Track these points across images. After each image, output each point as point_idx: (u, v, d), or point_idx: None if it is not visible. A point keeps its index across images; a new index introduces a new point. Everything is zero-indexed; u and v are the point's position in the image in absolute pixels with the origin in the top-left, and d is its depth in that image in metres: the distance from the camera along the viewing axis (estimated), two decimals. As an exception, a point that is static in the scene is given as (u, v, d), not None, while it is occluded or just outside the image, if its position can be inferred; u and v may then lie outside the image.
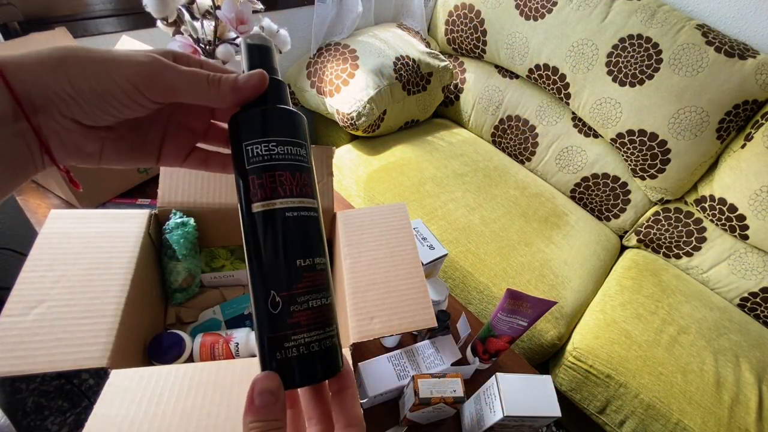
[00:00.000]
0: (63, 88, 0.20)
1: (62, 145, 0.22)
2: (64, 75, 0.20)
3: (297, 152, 0.23)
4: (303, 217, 0.23)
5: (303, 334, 0.21)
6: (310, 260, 0.22)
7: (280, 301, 0.21)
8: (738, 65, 1.05)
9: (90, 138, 0.22)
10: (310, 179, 0.24)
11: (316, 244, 0.23)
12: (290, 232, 0.22)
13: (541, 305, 0.55)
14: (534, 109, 1.41)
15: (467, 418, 0.59)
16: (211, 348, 0.53)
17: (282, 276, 0.22)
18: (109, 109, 0.21)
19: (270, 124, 0.23)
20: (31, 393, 1.07)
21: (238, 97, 0.23)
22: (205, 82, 0.22)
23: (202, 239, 0.61)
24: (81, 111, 0.21)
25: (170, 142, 0.26)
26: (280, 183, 0.22)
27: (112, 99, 0.21)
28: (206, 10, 0.68)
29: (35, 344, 0.39)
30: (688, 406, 0.90)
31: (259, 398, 0.20)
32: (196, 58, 0.24)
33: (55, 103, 0.20)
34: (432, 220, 1.12)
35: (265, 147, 0.22)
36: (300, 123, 0.24)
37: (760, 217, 1.07)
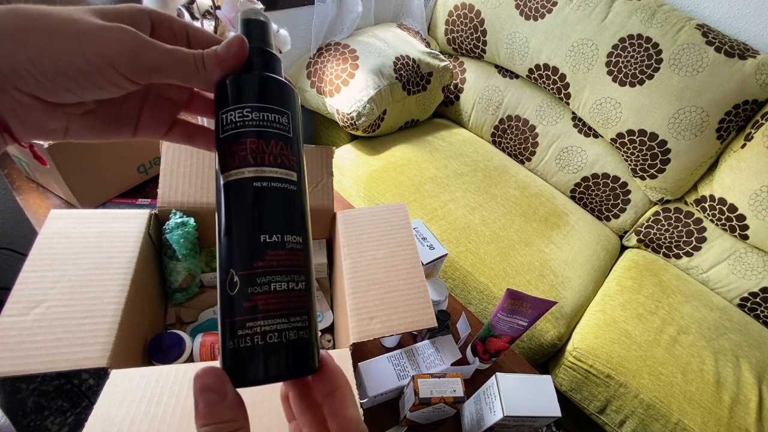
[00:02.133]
0: (20, 63, 0.17)
1: (20, 122, 0.19)
2: (21, 49, 0.17)
3: (274, 119, 0.21)
4: (274, 188, 0.20)
5: (260, 321, 0.18)
6: (278, 237, 0.19)
7: (238, 281, 0.19)
8: (738, 65, 1.05)
9: (53, 115, 0.20)
10: (291, 149, 0.21)
11: (288, 219, 0.20)
12: (256, 204, 0.20)
13: (541, 305, 0.55)
14: (534, 109, 1.41)
15: (467, 418, 0.59)
16: (211, 348, 0.53)
17: (242, 252, 0.19)
18: (76, 89, 0.18)
19: (245, 89, 0.21)
20: (31, 393, 1.07)
21: (224, 68, 0.21)
22: (192, 62, 0.20)
23: (202, 239, 0.61)
24: (42, 89, 0.18)
25: (149, 113, 0.23)
26: (251, 150, 0.20)
27: (82, 78, 0.18)
28: (206, 10, 0.68)
29: (35, 344, 0.39)
30: (688, 406, 0.90)
31: (201, 398, 0.18)
32: (180, 22, 0.22)
33: (8, 78, 0.17)
34: (432, 220, 1.12)
35: (239, 113, 0.20)
36: (284, 90, 0.22)
37: (760, 217, 1.07)
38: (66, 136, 0.21)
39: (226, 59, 0.21)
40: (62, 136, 0.21)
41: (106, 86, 0.19)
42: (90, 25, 0.18)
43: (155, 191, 0.57)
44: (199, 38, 0.22)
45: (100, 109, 0.21)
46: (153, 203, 0.73)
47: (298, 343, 0.19)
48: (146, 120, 0.23)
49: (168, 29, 0.21)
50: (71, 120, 0.21)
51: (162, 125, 0.24)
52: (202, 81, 0.21)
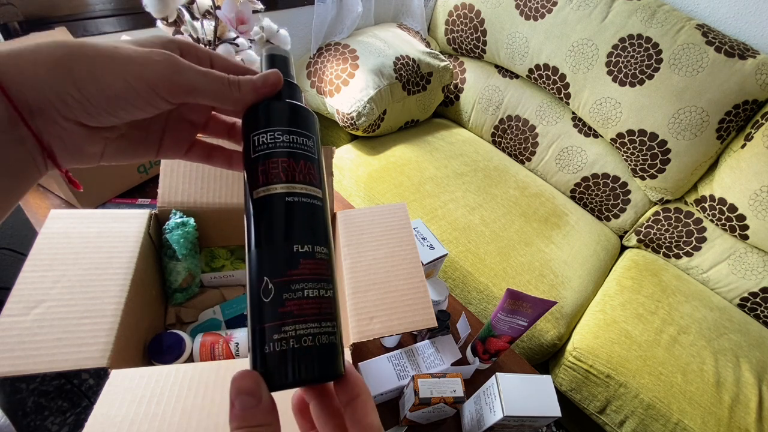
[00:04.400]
0: (66, 90, 0.18)
1: (64, 148, 0.20)
2: (68, 76, 0.18)
3: (303, 142, 0.23)
4: (305, 203, 0.22)
5: (294, 326, 0.19)
6: (309, 247, 0.21)
7: (273, 287, 0.20)
8: (738, 65, 1.05)
9: (93, 139, 0.21)
10: (315, 170, 0.23)
11: (317, 231, 0.22)
12: (289, 216, 0.21)
13: (541, 305, 0.55)
14: (534, 109, 1.41)
15: (467, 418, 0.59)
16: (211, 348, 0.53)
17: (277, 261, 0.20)
18: (119, 111, 0.20)
19: (276, 114, 0.23)
20: (31, 393, 1.07)
21: (257, 96, 0.23)
22: (227, 85, 0.21)
23: (202, 239, 0.61)
24: (86, 114, 0.19)
25: (170, 135, 0.25)
26: (283, 169, 0.22)
27: (124, 102, 0.19)
28: (206, 10, 0.68)
29: (35, 344, 0.39)
30: (688, 406, 0.90)
31: (237, 401, 0.18)
32: (204, 50, 0.23)
33: (55, 105, 0.18)
34: (432, 220, 1.12)
35: (270, 135, 0.22)
36: (308, 117, 0.24)
37: (760, 217, 1.07)
38: (101, 159, 0.22)
39: (263, 87, 0.23)
40: (98, 159, 0.22)
41: (144, 107, 0.20)
42: (129, 50, 0.19)
43: (155, 191, 0.57)
44: (222, 65, 0.24)
45: (130, 133, 0.23)
46: (153, 203, 0.73)
47: (328, 347, 0.20)
48: (168, 141, 0.25)
49: (194, 56, 0.23)
50: (107, 144, 0.22)
51: (182, 145, 0.26)
52: (233, 102, 0.22)
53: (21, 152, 0.19)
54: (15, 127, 0.18)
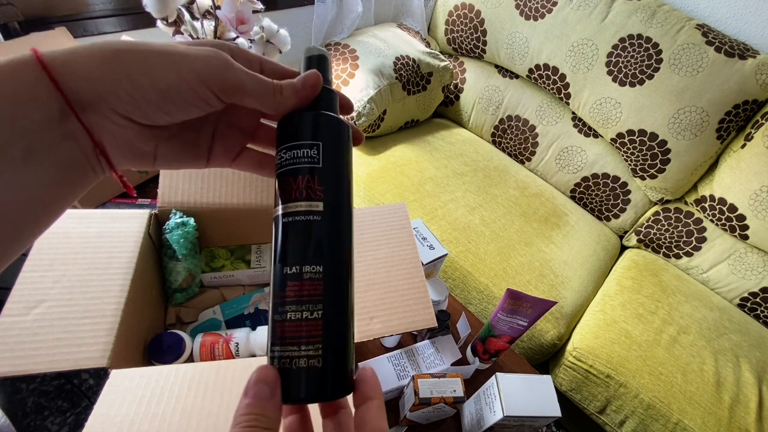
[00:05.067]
0: (119, 82, 0.18)
1: (117, 145, 0.20)
2: (120, 68, 0.18)
3: (304, 154, 0.22)
4: (297, 222, 0.22)
5: (278, 347, 0.20)
6: (297, 268, 0.21)
7: (270, 307, 0.21)
8: (738, 65, 1.05)
9: (145, 137, 0.21)
10: (319, 182, 0.22)
11: (306, 249, 0.21)
12: (283, 238, 0.22)
13: (541, 305, 0.55)
14: (534, 109, 1.41)
15: (467, 418, 0.59)
16: (211, 348, 0.53)
17: (275, 284, 0.21)
18: (170, 107, 0.20)
19: (286, 130, 0.23)
20: (31, 393, 1.07)
21: (298, 100, 0.23)
22: (271, 90, 0.22)
23: (202, 239, 0.61)
24: (138, 108, 0.19)
25: (220, 141, 0.25)
26: (282, 189, 0.22)
27: (177, 96, 0.19)
28: (206, 10, 0.68)
29: (35, 344, 0.39)
30: (688, 406, 0.90)
31: (253, 389, 0.19)
32: (254, 54, 0.24)
33: (107, 99, 0.18)
34: (432, 220, 1.12)
35: (279, 155, 0.23)
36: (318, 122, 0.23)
37: (760, 217, 1.07)
38: (155, 161, 0.22)
39: (303, 90, 0.23)
40: (152, 160, 0.22)
41: (195, 101, 0.20)
42: (182, 47, 0.20)
43: (155, 191, 0.57)
44: (271, 68, 0.24)
45: (182, 134, 0.23)
46: (153, 203, 0.73)
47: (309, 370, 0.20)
48: (218, 147, 0.25)
49: (244, 59, 0.23)
50: (159, 144, 0.22)
51: (231, 152, 0.26)
52: (276, 106, 0.22)
53: (73, 149, 0.19)
54: (65, 122, 0.18)
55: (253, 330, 0.57)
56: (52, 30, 0.74)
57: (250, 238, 0.65)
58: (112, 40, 0.19)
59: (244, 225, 0.62)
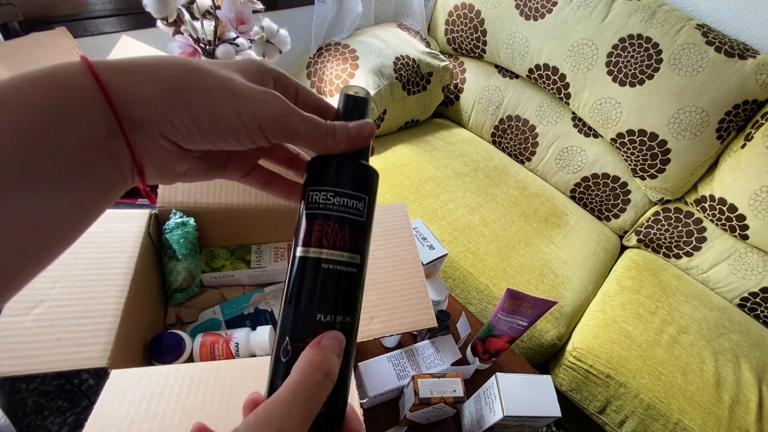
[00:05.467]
0: (178, 115, 0.18)
1: (155, 165, 0.20)
2: (185, 102, 0.18)
3: (353, 205, 0.22)
4: (338, 271, 0.22)
5: None
6: (331, 317, 0.21)
7: (291, 350, 0.21)
8: (738, 65, 1.05)
9: (183, 159, 0.21)
10: (361, 235, 0.23)
11: (344, 301, 0.22)
12: (319, 284, 0.21)
13: (541, 305, 0.55)
14: (534, 109, 1.41)
15: (467, 418, 0.59)
16: (211, 348, 0.53)
17: (298, 325, 0.21)
18: (220, 142, 0.20)
19: (334, 174, 0.23)
20: (31, 393, 1.07)
21: (350, 146, 0.22)
22: (324, 132, 0.22)
23: (202, 239, 0.61)
24: (188, 138, 0.19)
25: (237, 157, 0.25)
26: (325, 233, 0.22)
27: (231, 134, 0.20)
28: (206, 10, 0.68)
29: (35, 344, 0.39)
30: (688, 406, 0.90)
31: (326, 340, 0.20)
32: (291, 81, 0.23)
33: (160, 125, 0.18)
34: (432, 220, 1.12)
35: (323, 195, 0.22)
36: (367, 177, 0.23)
37: (760, 217, 1.07)
38: (183, 177, 0.22)
39: (357, 138, 0.22)
40: (181, 178, 0.22)
41: (245, 142, 0.20)
42: (245, 87, 0.20)
43: (155, 191, 0.57)
44: (306, 99, 0.24)
45: (209, 154, 0.23)
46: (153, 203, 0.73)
47: (329, 415, 0.21)
48: (234, 162, 0.25)
49: (282, 86, 0.23)
50: (191, 164, 0.22)
51: (244, 166, 0.25)
52: (324, 149, 0.22)
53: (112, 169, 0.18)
54: (111, 140, 0.18)
55: (253, 330, 0.57)
56: (52, 30, 0.74)
57: (250, 238, 0.65)
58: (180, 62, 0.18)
59: (244, 225, 0.62)
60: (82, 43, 0.86)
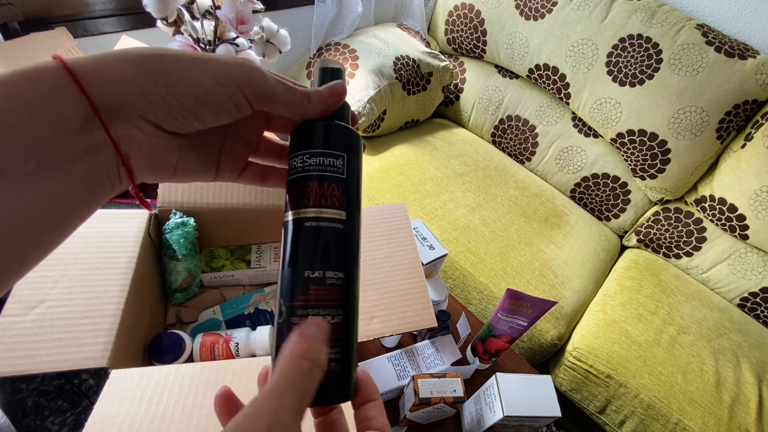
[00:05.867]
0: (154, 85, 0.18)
1: (141, 156, 0.19)
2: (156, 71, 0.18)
3: (330, 163, 0.23)
4: (322, 228, 0.22)
5: None
6: (320, 273, 0.21)
7: (284, 310, 0.21)
8: (738, 65, 1.05)
9: (170, 145, 0.20)
10: (343, 192, 0.23)
11: (332, 256, 0.22)
12: (304, 242, 0.22)
13: (541, 305, 0.55)
14: (534, 109, 1.41)
15: (467, 418, 0.59)
16: (211, 348, 0.53)
17: (289, 285, 0.21)
18: (205, 112, 0.20)
19: (310, 137, 0.23)
20: (31, 393, 1.07)
21: (325, 108, 0.23)
22: (299, 96, 0.22)
23: (202, 239, 0.61)
24: (170, 114, 0.19)
25: (227, 153, 0.25)
26: (305, 194, 0.22)
27: (213, 101, 0.19)
28: (206, 10, 0.68)
29: (35, 344, 0.39)
30: (688, 406, 0.90)
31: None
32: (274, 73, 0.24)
33: (137, 105, 0.18)
34: (432, 220, 1.12)
35: (300, 159, 0.23)
36: (343, 136, 0.24)
37: (760, 217, 1.07)
38: (174, 173, 0.22)
39: (329, 98, 0.23)
40: (171, 172, 0.22)
41: (230, 108, 0.20)
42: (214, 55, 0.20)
43: (155, 191, 0.57)
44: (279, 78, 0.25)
45: (198, 146, 0.23)
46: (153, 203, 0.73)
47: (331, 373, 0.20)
48: (225, 160, 0.25)
49: None
50: (181, 154, 0.22)
51: (238, 165, 0.26)
52: (303, 113, 0.23)
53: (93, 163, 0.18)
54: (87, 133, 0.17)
55: (253, 330, 0.57)
56: (52, 30, 0.74)
57: (250, 238, 0.65)
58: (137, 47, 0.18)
59: (244, 225, 0.62)
60: (82, 43, 0.86)
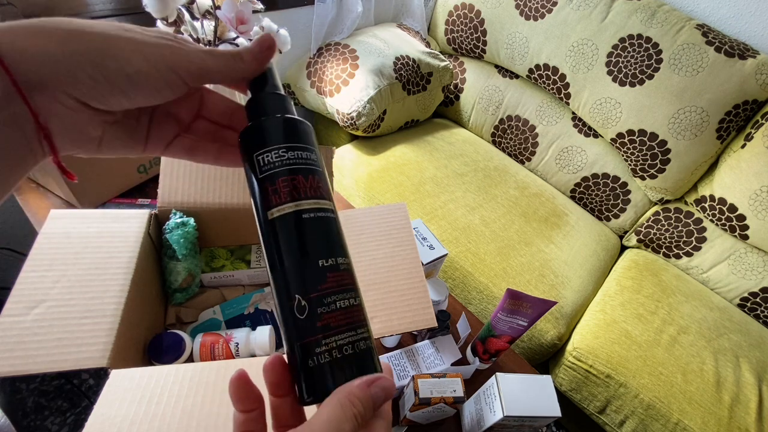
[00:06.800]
0: (79, 64, 0.17)
1: (63, 129, 0.19)
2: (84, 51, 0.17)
3: (308, 156, 0.23)
4: (320, 218, 0.22)
5: (334, 337, 0.20)
6: (333, 260, 0.22)
7: (306, 304, 0.21)
8: (738, 65, 1.05)
9: (94, 121, 0.20)
10: (323, 182, 0.23)
11: (336, 243, 0.23)
12: (309, 233, 0.22)
13: (541, 305, 0.55)
14: (534, 109, 1.41)
15: (467, 418, 0.59)
16: (211, 348, 0.53)
17: (305, 278, 0.21)
18: (136, 93, 0.19)
19: (276, 131, 0.23)
20: (31, 393, 1.07)
21: (260, 63, 0.23)
22: (231, 58, 0.22)
23: (202, 239, 0.61)
24: (97, 93, 0.18)
25: (156, 128, 0.24)
26: (294, 187, 0.22)
27: (145, 82, 0.19)
28: (206, 10, 0.68)
29: (35, 344, 0.39)
30: (688, 406, 0.90)
31: None
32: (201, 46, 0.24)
33: (61, 81, 0.17)
34: (432, 220, 1.12)
35: (276, 154, 0.22)
36: (308, 130, 0.24)
37: (760, 217, 1.07)
38: (99, 147, 0.21)
39: (261, 52, 0.23)
40: (96, 146, 0.21)
41: (162, 88, 0.20)
42: (141, 33, 0.19)
43: (155, 191, 0.57)
44: None
45: (124, 120, 0.22)
46: (153, 203, 0.73)
47: (366, 351, 0.21)
48: (154, 134, 0.24)
49: None
50: (106, 129, 0.21)
51: (164, 140, 0.25)
52: (241, 73, 0.22)
53: (13, 135, 0.17)
54: (9, 104, 0.17)
55: (253, 330, 0.57)
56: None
57: (250, 238, 0.65)
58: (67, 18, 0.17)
59: (244, 225, 0.62)
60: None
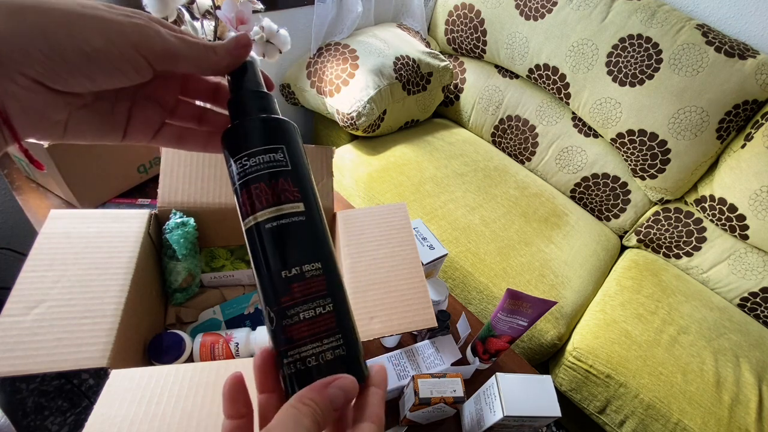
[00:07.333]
0: (31, 40, 0.16)
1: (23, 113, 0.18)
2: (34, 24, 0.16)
3: (270, 159, 0.22)
4: (283, 225, 0.21)
5: (297, 349, 0.20)
6: (297, 269, 0.21)
7: (273, 317, 0.21)
8: (738, 65, 1.05)
9: (56, 104, 0.19)
10: (290, 182, 0.22)
11: (303, 249, 0.22)
12: (270, 245, 0.21)
13: (541, 305, 0.55)
14: (534, 109, 1.41)
15: (467, 418, 0.59)
16: (211, 348, 0.53)
17: (268, 290, 0.21)
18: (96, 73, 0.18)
19: (243, 138, 0.22)
20: (31, 393, 1.07)
21: (233, 58, 0.22)
22: (203, 50, 0.21)
23: (202, 239, 0.61)
24: (53, 72, 0.17)
25: (138, 116, 0.23)
26: (256, 196, 0.21)
27: (105, 61, 0.18)
28: (206, 10, 0.68)
29: (35, 344, 0.39)
30: (688, 406, 0.90)
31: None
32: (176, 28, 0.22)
33: (13, 59, 0.16)
34: (432, 220, 1.12)
35: (239, 164, 0.22)
36: (275, 126, 0.23)
37: (760, 217, 1.07)
38: (65, 132, 0.20)
39: (236, 49, 0.22)
40: (62, 131, 0.20)
41: (126, 69, 0.19)
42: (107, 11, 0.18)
43: (155, 191, 0.57)
44: None
45: (97, 104, 0.21)
46: (153, 203, 0.73)
47: (334, 361, 0.21)
48: (136, 122, 0.23)
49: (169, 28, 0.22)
50: (71, 113, 0.20)
51: (150, 127, 0.24)
52: (212, 66, 0.22)
53: None
54: None
55: (253, 330, 0.57)
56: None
57: (250, 238, 0.65)
58: None
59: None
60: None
